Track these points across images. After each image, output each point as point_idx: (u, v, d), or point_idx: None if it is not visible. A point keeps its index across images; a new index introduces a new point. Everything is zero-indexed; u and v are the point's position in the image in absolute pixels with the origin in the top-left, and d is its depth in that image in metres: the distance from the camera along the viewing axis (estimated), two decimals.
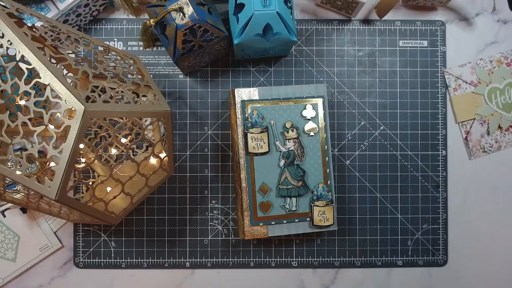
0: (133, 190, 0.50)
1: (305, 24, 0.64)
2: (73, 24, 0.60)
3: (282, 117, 0.57)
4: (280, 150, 0.56)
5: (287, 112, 0.57)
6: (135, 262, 0.63)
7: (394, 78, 0.64)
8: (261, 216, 0.56)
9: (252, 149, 0.56)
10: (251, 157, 0.56)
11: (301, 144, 0.57)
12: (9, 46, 0.40)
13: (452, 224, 0.64)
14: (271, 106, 0.56)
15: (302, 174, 0.57)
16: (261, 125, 0.56)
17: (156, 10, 0.52)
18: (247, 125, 0.56)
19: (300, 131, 0.57)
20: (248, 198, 0.56)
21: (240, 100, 0.56)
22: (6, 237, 0.62)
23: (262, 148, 0.56)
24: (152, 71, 0.63)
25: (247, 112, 0.56)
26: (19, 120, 0.39)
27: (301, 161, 0.57)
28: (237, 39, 0.53)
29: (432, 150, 0.64)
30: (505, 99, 0.64)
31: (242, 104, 0.56)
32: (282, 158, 0.56)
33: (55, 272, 0.63)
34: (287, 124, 0.56)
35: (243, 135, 0.56)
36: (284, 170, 0.56)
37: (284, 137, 0.56)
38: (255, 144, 0.56)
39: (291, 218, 0.57)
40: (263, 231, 0.56)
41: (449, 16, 0.65)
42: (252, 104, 0.56)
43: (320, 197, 0.57)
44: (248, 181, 0.56)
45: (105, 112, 0.40)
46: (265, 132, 0.56)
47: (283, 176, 0.56)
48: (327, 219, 0.57)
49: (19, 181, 0.39)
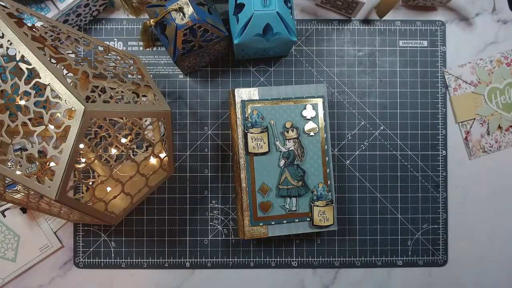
0: (133, 190, 0.50)
1: (305, 24, 0.64)
2: (73, 24, 0.60)
3: (282, 117, 0.57)
4: (280, 150, 0.56)
5: (287, 112, 0.57)
6: (135, 262, 0.63)
7: (394, 78, 0.64)
8: (261, 216, 0.56)
9: (252, 149, 0.56)
10: (251, 157, 0.56)
11: (301, 144, 0.56)
12: (9, 46, 0.40)
13: (452, 224, 0.64)
14: (271, 106, 0.56)
15: (302, 174, 0.56)
16: (261, 125, 0.56)
17: (156, 10, 0.52)
18: (247, 125, 0.56)
19: (300, 131, 0.56)
20: (248, 198, 0.56)
21: (240, 100, 0.56)
22: (6, 237, 0.62)
23: (262, 148, 0.56)
24: (152, 71, 0.63)
25: (247, 112, 0.56)
26: (19, 120, 0.39)
27: (301, 161, 0.57)
28: (237, 39, 0.53)
29: (432, 150, 0.64)
30: (505, 99, 0.64)
31: (242, 104, 0.56)
32: (282, 158, 0.56)
33: (55, 272, 0.63)
34: (287, 124, 0.56)
35: (243, 135, 0.56)
36: (284, 170, 0.56)
37: (284, 137, 0.56)
38: (255, 144, 0.56)
39: (291, 218, 0.57)
40: (263, 231, 0.56)
41: (449, 16, 0.65)
42: (252, 104, 0.56)
43: (320, 197, 0.57)
44: (248, 181, 0.56)
45: (105, 112, 0.40)
46: (265, 132, 0.56)
47: (283, 176, 0.56)
48: (327, 219, 0.57)
49: (19, 181, 0.39)
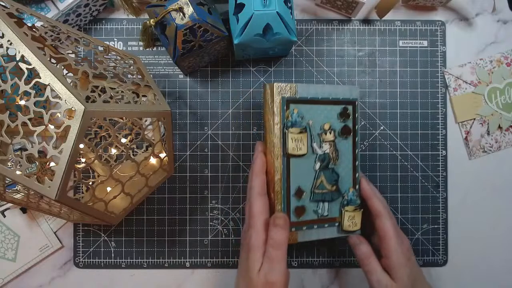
0: (133, 190, 0.50)
1: (305, 24, 0.64)
2: (73, 24, 0.60)
3: (319, 117, 0.53)
4: (317, 153, 0.53)
5: (324, 112, 0.53)
6: (135, 262, 0.63)
7: (394, 78, 0.64)
8: (294, 221, 0.52)
9: (292, 150, 0.51)
10: (288, 158, 0.51)
11: (336, 147, 0.54)
12: (9, 46, 0.40)
13: (452, 224, 0.64)
14: (309, 106, 0.52)
15: (336, 178, 0.54)
16: (300, 125, 0.51)
17: (156, 10, 0.52)
18: (287, 124, 0.51)
19: (336, 133, 0.54)
20: (282, 202, 0.51)
21: (280, 96, 0.51)
22: (6, 237, 0.62)
23: (301, 150, 0.51)
24: (152, 71, 0.63)
25: (286, 110, 0.51)
26: (19, 120, 0.39)
27: (335, 165, 0.54)
28: (237, 39, 0.53)
29: (432, 150, 0.64)
30: (505, 99, 0.64)
31: (283, 101, 0.51)
32: (317, 161, 0.53)
33: (55, 272, 0.63)
34: (325, 126, 0.53)
35: (282, 135, 0.51)
36: (320, 174, 0.53)
37: (321, 139, 0.53)
38: (294, 145, 0.51)
39: (322, 223, 0.54)
40: (294, 236, 0.52)
41: (449, 16, 0.65)
42: (293, 102, 0.52)
43: (350, 202, 0.54)
44: (283, 184, 0.51)
45: (105, 112, 0.40)
46: (304, 132, 0.52)
47: (319, 180, 0.53)
48: (356, 224, 0.54)
49: (19, 181, 0.39)
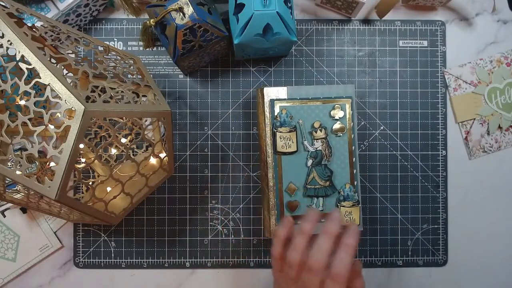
0: (133, 190, 0.50)
1: (305, 24, 0.64)
2: (73, 24, 0.60)
3: (310, 116, 0.56)
4: (308, 150, 0.56)
5: (315, 112, 0.56)
6: (135, 262, 0.63)
7: (394, 78, 0.64)
8: (288, 215, 0.55)
9: (281, 148, 0.56)
10: (279, 156, 0.56)
11: (329, 144, 0.56)
12: (9, 46, 0.40)
13: (452, 224, 0.64)
14: (299, 106, 0.56)
15: (329, 174, 0.56)
16: (289, 125, 0.56)
17: (156, 10, 0.52)
18: (275, 124, 0.56)
19: (328, 131, 0.56)
20: (275, 197, 0.56)
21: (269, 99, 0.56)
22: (6, 237, 0.62)
23: (291, 148, 0.56)
24: (152, 71, 0.63)
25: (275, 111, 0.56)
26: (19, 120, 0.39)
27: (328, 161, 0.56)
28: (237, 39, 0.53)
29: (432, 150, 0.64)
30: (505, 99, 0.64)
31: (271, 103, 0.56)
32: (309, 157, 0.56)
33: (55, 272, 0.63)
34: (316, 124, 0.56)
35: (272, 134, 0.56)
36: (312, 170, 0.56)
37: (312, 137, 0.56)
38: (283, 143, 0.56)
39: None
40: None
41: (449, 16, 0.65)
42: (280, 103, 0.56)
43: (347, 198, 0.56)
44: (275, 180, 0.56)
45: (105, 112, 0.40)
46: (293, 131, 0.56)
47: (311, 176, 0.56)
48: (354, 220, 0.56)
49: (19, 181, 0.39)
